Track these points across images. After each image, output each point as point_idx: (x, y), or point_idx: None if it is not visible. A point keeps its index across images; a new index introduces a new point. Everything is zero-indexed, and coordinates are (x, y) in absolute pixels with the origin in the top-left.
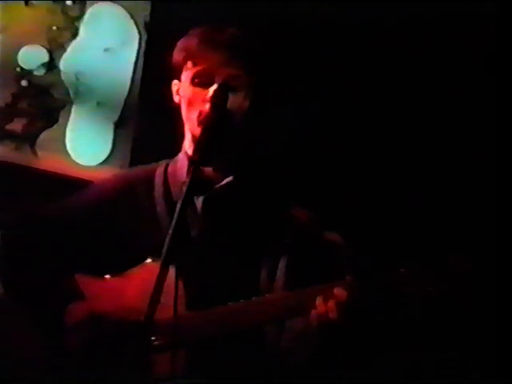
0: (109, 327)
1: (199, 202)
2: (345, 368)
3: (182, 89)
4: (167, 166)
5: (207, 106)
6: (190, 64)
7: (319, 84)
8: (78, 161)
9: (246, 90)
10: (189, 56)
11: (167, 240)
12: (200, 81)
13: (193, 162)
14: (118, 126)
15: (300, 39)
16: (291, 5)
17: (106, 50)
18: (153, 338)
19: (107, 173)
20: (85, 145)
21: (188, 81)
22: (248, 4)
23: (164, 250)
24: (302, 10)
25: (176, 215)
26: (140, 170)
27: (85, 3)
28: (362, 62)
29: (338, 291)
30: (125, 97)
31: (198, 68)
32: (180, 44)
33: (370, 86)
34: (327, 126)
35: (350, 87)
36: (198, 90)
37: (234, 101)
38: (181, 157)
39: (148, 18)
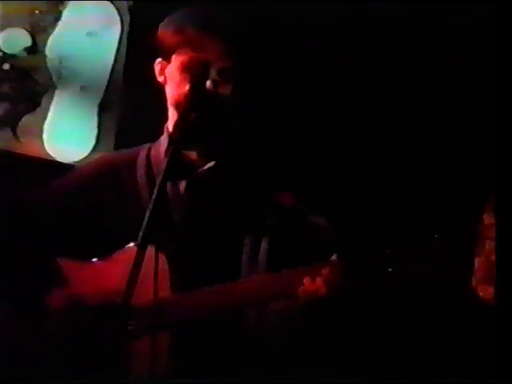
0: (88, 312)
1: (182, 186)
2: (326, 349)
3: (169, 70)
4: (150, 148)
5: (187, 87)
6: (186, 50)
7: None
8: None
9: (238, 82)
10: (186, 42)
11: (145, 221)
12: (194, 69)
13: (172, 140)
14: (102, 109)
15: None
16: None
17: (88, 33)
18: (130, 323)
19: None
20: (67, 140)
21: (180, 65)
22: None
23: (141, 231)
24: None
25: (154, 195)
26: (123, 153)
27: None
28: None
29: (326, 270)
30: (108, 80)
31: (195, 56)
32: (175, 25)
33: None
34: (311, 110)
35: (341, 78)
36: (189, 76)
37: (223, 90)
38: (163, 139)
39: (131, 2)
